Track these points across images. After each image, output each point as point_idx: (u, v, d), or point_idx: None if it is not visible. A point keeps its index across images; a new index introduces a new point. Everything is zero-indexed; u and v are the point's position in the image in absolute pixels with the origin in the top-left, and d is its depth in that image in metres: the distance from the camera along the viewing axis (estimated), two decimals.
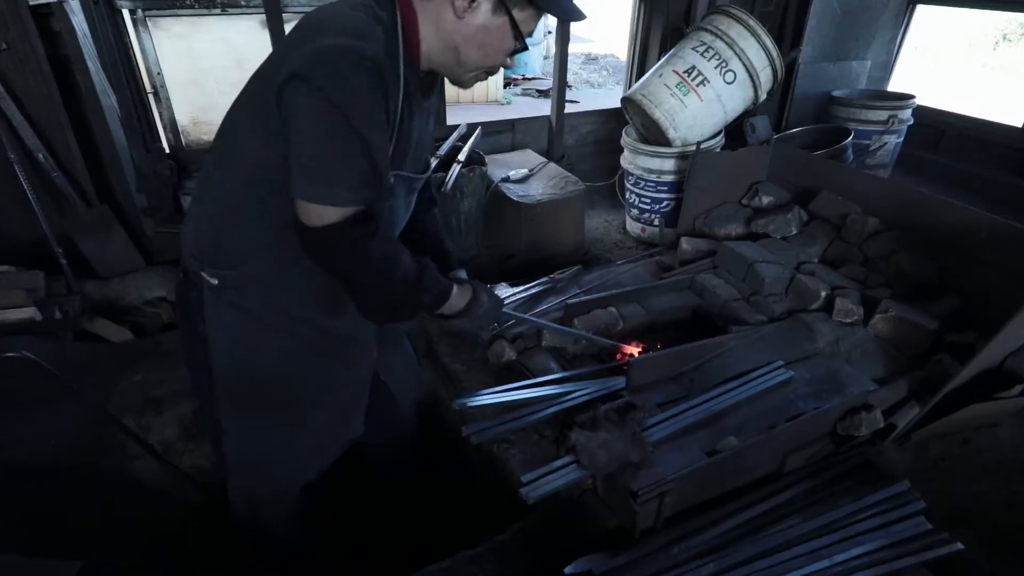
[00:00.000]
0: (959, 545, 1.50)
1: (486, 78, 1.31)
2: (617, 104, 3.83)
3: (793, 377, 1.84)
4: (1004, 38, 11.41)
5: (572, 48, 9.39)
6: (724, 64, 2.58)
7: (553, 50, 8.34)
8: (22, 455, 1.72)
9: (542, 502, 1.60)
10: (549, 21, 9.04)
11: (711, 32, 2.62)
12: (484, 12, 1.12)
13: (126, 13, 2.44)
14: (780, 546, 1.51)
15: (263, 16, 2.55)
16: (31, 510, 1.63)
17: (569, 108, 3.50)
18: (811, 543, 1.52)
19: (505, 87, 6.51)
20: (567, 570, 1.43)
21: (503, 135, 3.37)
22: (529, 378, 2.03)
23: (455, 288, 1.39)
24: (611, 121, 3.62)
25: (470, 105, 6.10)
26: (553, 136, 3.37)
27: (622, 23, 3.22)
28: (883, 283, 2.17)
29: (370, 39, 1.02)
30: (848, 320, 2.02)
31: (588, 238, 3.16)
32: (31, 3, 2.16)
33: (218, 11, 2.54)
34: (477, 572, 1.52)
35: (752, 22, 2.59)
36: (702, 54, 2.60)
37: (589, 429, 1.66)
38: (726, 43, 2.58)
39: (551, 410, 1.83)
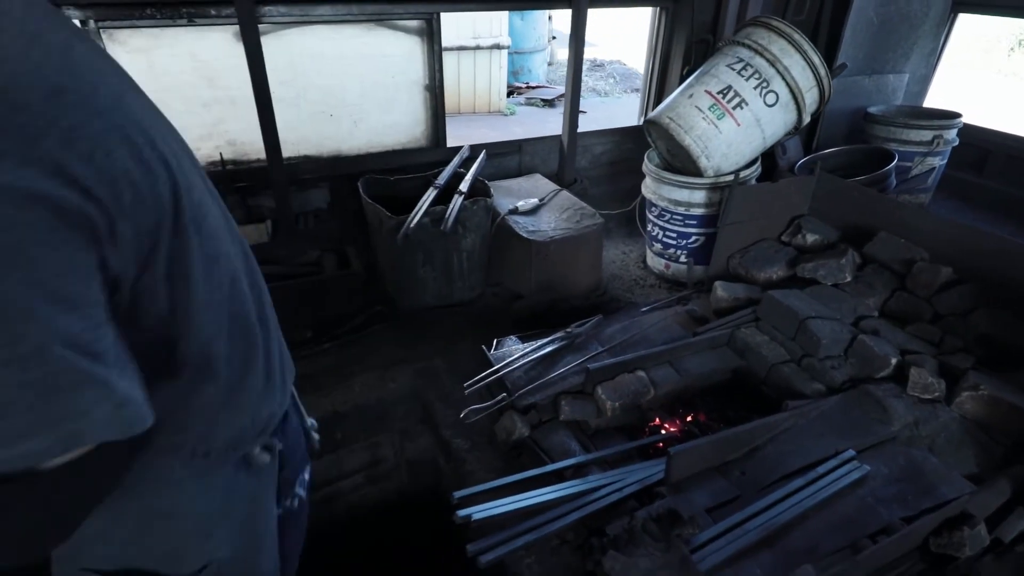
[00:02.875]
0: None
1: None
2: (633, 122, 3.51)
3: (869, 473, 1.51)
4: (1020, 44, 11.12)
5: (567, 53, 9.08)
6: (765, 84, 2.25)
7: (556, 56, 7.94)
8: None
9: None
10: (553, 26, 8.72)
11: (749, 47, 2.30)
12: None
13: (76, 24, 2.11)
14: None
15: (237, 28, 2.23)
16: None
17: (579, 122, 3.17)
18: None
19: (508, 96, 6.19)
20: None
21: (509, 157, 3.04)
22: (544, 461, 1.71)
23: None
24: (627, 141, 3.30)
25: (471, 116, 5.76)
26: (565, 160, 3.04)
27: (627, 28, 2.89)
28: (962, 348, 1.84)
29: None
30: (927, 396, 1.69)
31: (604, 274, 2.83)
32: None
33: (184, 22, 2.22)
34: None
35: (797, 36, 2.26)
36: (739, 72, 2.27)
37: (625, 548, 1.33)
38: (767, 60, 2.25)
39: (575, 515, 1.50)
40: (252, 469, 0.83)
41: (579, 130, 3.03)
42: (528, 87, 6.75)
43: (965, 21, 3.75)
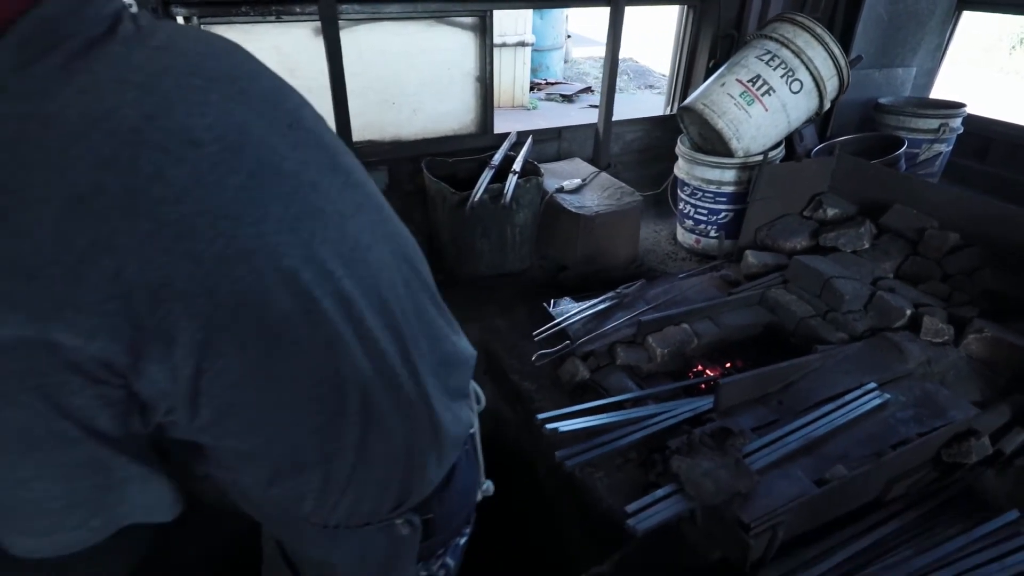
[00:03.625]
0: None
1: None
2: (659, 112, 3.78)
3: (889, 400, 1.77)
4: (1021, 42, 11.35)
5: (586, 51, 9.33)
6: (791, 73, 2.52)
7: (571, 54, 8.18)
8: None
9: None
10: (568, 25, 8.99)
11: (776, 40, 2.56)
12: None
13: (181, 20, 2.38)
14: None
15: (317, 24, 2.49)
16: None
17: (595, 114, 3.42)
18: (927, 572, 1.46)
19: (529, 91, 6.46)
20: None
21: (549, 143, 3.31)
22: (605, 397, 1.97)
23: None
24: (656, 129, 3.56)
25: (497, 110, 6.00)
26: (601, 145, 3.30)
27: (638, 27, 3.13)
28: (968, 301, 2.10)
29: None
30: (938, 340, 1.95)
31: (640, 248, 3.09)
32: None
33: (272, 18, 2.48)
34: None
35: (820, 30, 2.52)
36: (767, 63, 2.54)
37: (687, 455, 1.60)
38: (792, 52, 2.52)
39: (639, 434, 1.76)
40: (390, 535, 0.81)
41: (615, 119, 3.30)
42: (547, 83, 7.02)
43: (969, 19, 4.01)
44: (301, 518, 0.75)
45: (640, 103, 6.73)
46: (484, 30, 2.88)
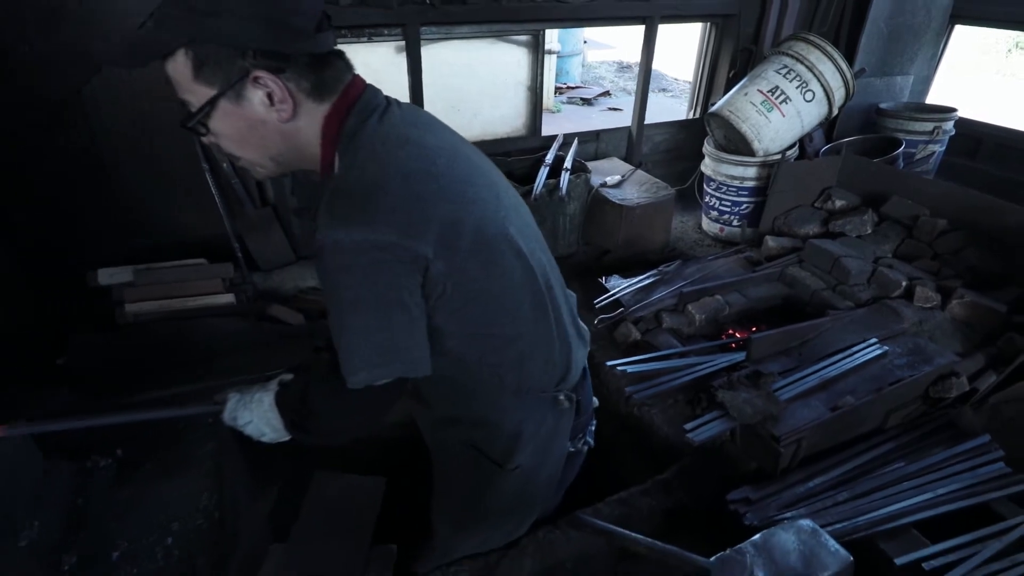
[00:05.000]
0: None
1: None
2: (672, 113, 4.22)
3: (888, 351, 2.21)
4: (1016, 46, 11.76)
5: (599, 55, 9.77)
6: (804, 85, 2.95)
7: (588, 58, 8.61)
8: None
9: (688, 452, 1.99)
10: (585, 31, 9.42)
11: (792, 56, 3.00)
12: None
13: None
14: (892, 482, 1.88)
15: (400, 43, 2.93)
16: None
17: (616, 117, 3.85)
18: (916, 480, 1.89)
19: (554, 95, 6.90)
20: (730, 496, 1.81)
21: (588, 144, 3.74)
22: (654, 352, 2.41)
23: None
24: (681, 132, 3.99)
25: None
26: (634, 146, 3.74)
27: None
28: (954, 275, 2.54)
29: None
30: (928, 305, 2.39)
31: (671, 236, 3.53)
32: None
33: (365, 39, 2.91)
34: (649, 502, 1.89)
35: (829, 48, 2.96)
36: (784, 76, 2.97)
37: (729, 390, 2.03)
38: (806, 66, 2.95)
39: (687, 378, 2.20)
40: (557, 409, 1.27)
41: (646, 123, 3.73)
42: (568, 87, 7.45)
43: (961, 31, 4.43)
44: (504, 385, 1.19)
45: (654, 106, 7.15)
46: (537, 46, 3.32)
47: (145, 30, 0.96)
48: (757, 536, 1.44)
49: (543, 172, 3.07)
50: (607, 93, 7.41)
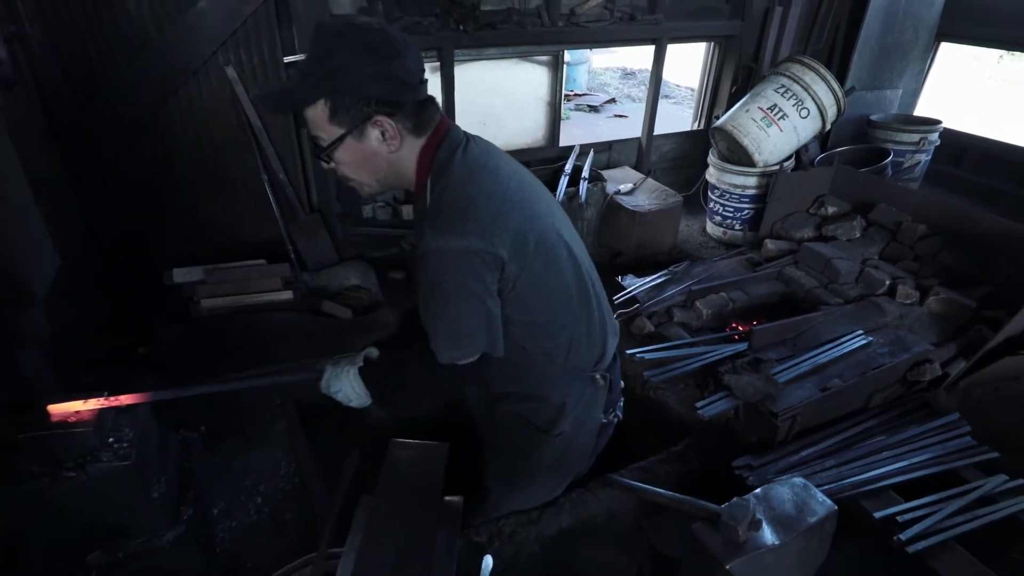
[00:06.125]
0: (995, 454, 2.17)
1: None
2: (684, 121, 4.53)
3: (872, 341, 2.52)
4: (1009, 52, 12.08)
5: (603, 62, 10.03)
6: (800, 103, 3.27)
7: (592, 64, 8.89)
8: None
9: (700, 427, 2.30)
10: None
11: (788, 77, 3.32)
12: None
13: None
14: (873, 451, 2.19)
15: (434, 63, 3.23)
16: None
17: (622, 123, 4.14)
18: (894, 450, 2.20)
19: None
20: (735, 463, 2.12)
21: (601, 154, 4.05)
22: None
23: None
24: (687, 142, 4.31)
25: None
26: (643, 155, 4.05)
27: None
28: (932, 275, 2.86)
29: None
30: (908, 301, 2.71)
31: (678, 239, 3.84)
32: (285, 60, 2.85)
33: None
34: (665, 468, 2.20)
35: (823, 70, 3.28)
36: (782, 95, 3.29)
37: (734, 374, 2.35)
38: (801, 87, 3.27)
39: (696, 364, 2.52)
40: (594, 386, 1.55)
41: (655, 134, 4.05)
42: (575, 95, 7.76)
43: (947, 48, 4.75)
44: (553, 364, 1.50)
45: (659, 113, 7.48)
46: (556, 65, 3.63)
47: (292, 82, 1.27)
48: (758, 489, 1.75)
49: (563, 181, 3.38)
50: (612, 100, 7.72)
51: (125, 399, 1.59)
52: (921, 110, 4.92)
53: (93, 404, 1.56)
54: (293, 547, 1.85)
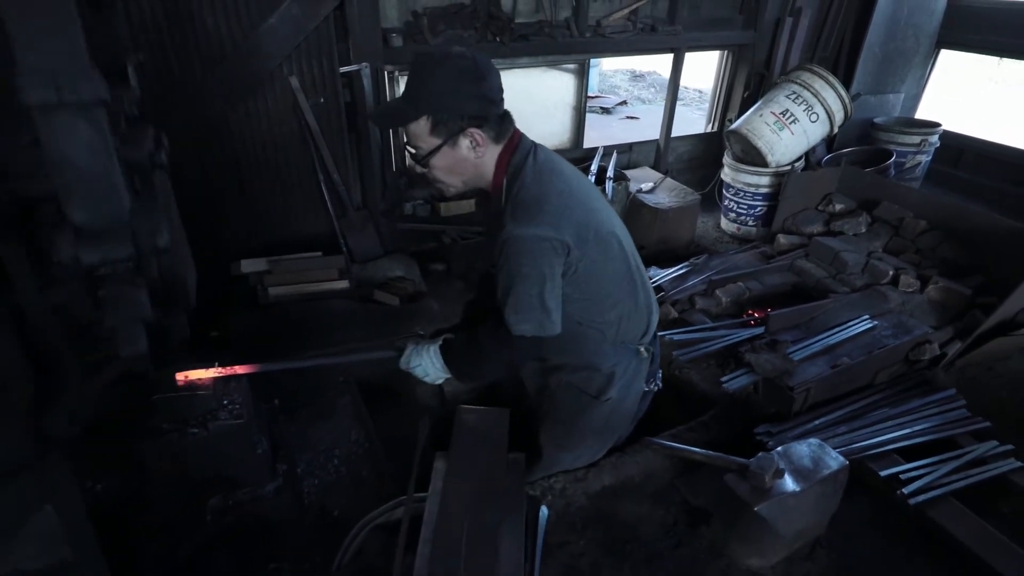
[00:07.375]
0: (987, 423, 2.43)
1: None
2: (694, 121, 4.80)
3: (877, 325, 2.79)
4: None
5: (612, 64, 10.28)
6: (810, 108, 3.54)
7: (603, 66, 9.12)
8: None
9: (723, 400, 2.57)
10: None
11: (799, 84, 3.59)
12: None
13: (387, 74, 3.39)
14: (878, 421, 2.45)
15: None
16: None
17: (634, 125, 4.40)
18: (897, 420, 2.47)
19: None
20: (757, 430, 2.39)
21: (623, 155, 4.32)
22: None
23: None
24: (701, 144, 4.58)
25: None
26: (661, 155, 4.32)
27: None
28: (931, 266, 3.13)
29: None
30: (910, 290, 2.98)
31: (694, 234, 4.12)
32: (341, 71, 3.12)
33: None
34: (694, 436, 2.47)
35: (831, 78, 3.55)
36: (793, 100, 3.56)
37: (753, 353, 2.62)
38: (811, 93, 3.54)
39: (718, 345, 2.79)
40: (639, 357, 1.79)
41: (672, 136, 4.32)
42: (588, 97, 8.01)
43: (946, 55, 5.02)
44: (605, 338, 1.77)
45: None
46: (582, 73, 3.90)
47: (399, 103, 1.55)
48: (779, 448, 2.02)
49: (591, 180, 3.65)
50: (624, 102, 7.98)
51: (239, 369, 1.87)
52: (922, 113, 5.18)
53: (212, 372, 1.84)
54: (370, 499, 2.12)
